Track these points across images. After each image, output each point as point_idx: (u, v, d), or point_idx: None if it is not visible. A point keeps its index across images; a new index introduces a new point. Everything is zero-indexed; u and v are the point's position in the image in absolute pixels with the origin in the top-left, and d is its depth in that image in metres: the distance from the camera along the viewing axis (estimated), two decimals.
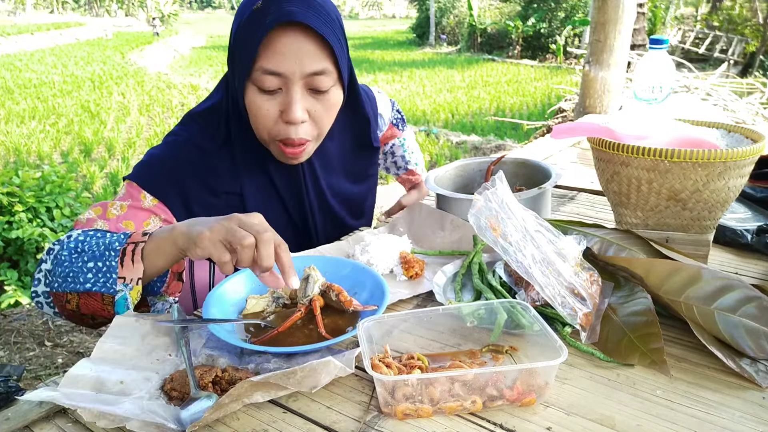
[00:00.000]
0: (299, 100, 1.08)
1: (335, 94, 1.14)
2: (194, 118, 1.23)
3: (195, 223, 0.88)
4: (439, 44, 22.92)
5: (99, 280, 0.91)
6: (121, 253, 0.91)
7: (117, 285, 0.91)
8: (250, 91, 1.09)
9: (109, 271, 0.91)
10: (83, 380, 0.78)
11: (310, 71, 1.06)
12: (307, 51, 1.05)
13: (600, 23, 3.12)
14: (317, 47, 1.06)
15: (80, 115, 9.36)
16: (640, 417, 0.72)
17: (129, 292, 0.91)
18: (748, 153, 1.04)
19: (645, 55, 1.17)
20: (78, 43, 23.68)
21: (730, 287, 0.84)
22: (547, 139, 2.33)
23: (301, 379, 0.74)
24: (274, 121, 1.10)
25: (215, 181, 1.17)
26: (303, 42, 1.05)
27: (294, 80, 1.06)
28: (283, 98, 1.09)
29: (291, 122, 1.09)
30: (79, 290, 0.92)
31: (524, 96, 11.02)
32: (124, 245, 0.92)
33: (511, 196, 0.98)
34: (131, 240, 0.92)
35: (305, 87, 1.09)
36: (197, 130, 1.20)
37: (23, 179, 3.52)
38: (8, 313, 3.16)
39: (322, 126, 1.15)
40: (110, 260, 0.91)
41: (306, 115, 1.10)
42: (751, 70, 12.23)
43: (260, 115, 1.10)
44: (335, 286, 0.95)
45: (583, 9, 17.15)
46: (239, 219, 0.85)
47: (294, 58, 1.05)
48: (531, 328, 0.82)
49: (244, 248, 0.82)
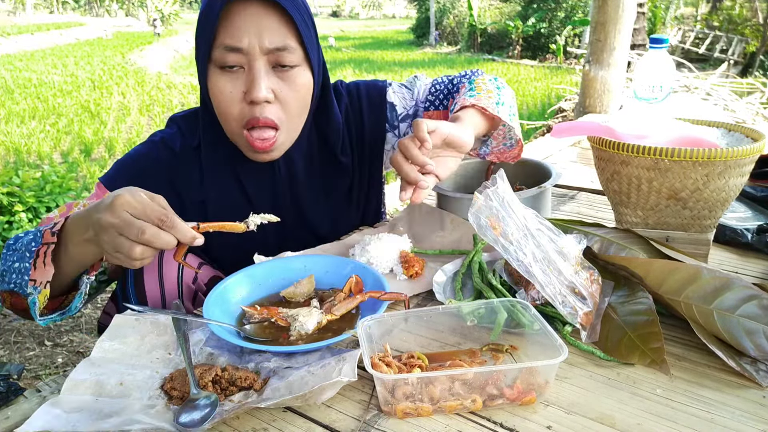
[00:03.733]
0: (263, 76, 1.03)
1: (302, 74, 1.08)
2: (176, 121, 1.23)
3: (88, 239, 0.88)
4: (440, 45, 22.92)
5: (17, 280, 0.93)
6: (35, 255, 0.91)
7: (28, 287, 0.92)
8: (212, 74, 1.05)
9: (25, 272, 0.92)
10: (83, 385, 0.78)
11: (273, 46, 1.02)
12: (267, 24, 1.02)
13: (600, 23, 3.12)
14: (280, 22, 1.02)
15: (80, 115, 9.35)
16: (640, 416, 0.72)
17: (38, 295, 0.91)
18: (749, 152, 1.04)
19: (645, 55, 1.17)
20: (78, 43, 23.67)
21: (729, 286, 0.84)
22: (547, 139, 2.33)
23: (309, 397, 0.74)
24: (238, 104, 1.05)
25: (182, 184, 1.17)
26: (263, 15, 1.01)
27: (255, 55, 1.02)
28: (246, 76, 1.04)
29: (255, 101, 1.03)
30: (6, 288, 0.96)
31: (524, 96, 11.00)
32: (37, 246, 0.91)
33: (512, 194, 0.98)
34: (44, 240, 0.91)
35: (269, 64, 1.04)
36: (174, 132, 1.20)
37: (23, 179, 3.52)
38: (8, 313, 3.16)
39: (291, 110, 1.08)
40: (26, 261, 0.92)
41: (271, 93, 1.05)
42: (751, 70, 12.22)
43: (224, 99, 1.05)
44: (327, 291, 0.99)
45: (583, 9, 17.15)
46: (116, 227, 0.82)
47: (254, 32, 1.01)
48: (531, 327, 0.82)
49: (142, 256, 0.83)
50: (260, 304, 0.99)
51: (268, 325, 0.92)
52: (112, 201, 0.83)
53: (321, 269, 1.05)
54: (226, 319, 0.92)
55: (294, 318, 0.90)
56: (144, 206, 0.83)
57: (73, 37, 24.99)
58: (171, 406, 0.76)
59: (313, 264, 1.06)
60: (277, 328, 0.91)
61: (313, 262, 1.07)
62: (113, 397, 0.77)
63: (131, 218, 0.82)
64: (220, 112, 1.08)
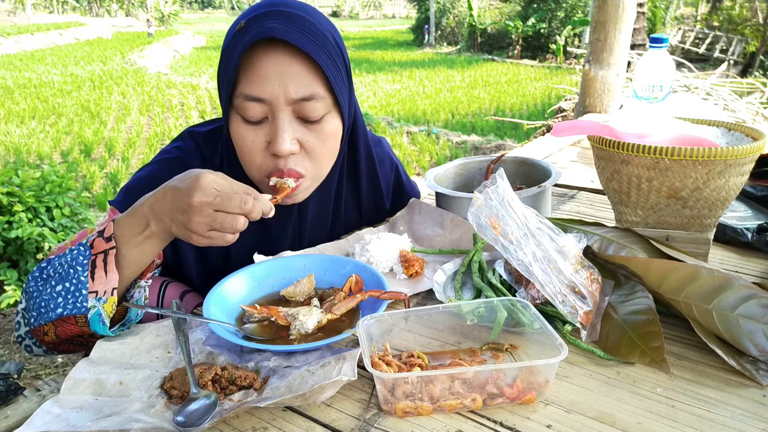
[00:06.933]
0: (286, 128, 0.96)
1: (331, 123, 1.01)
2: (194, 136, 1.15)
3: (163, 212, 0.83)
4: (439, 45, 22.90)
5: (69, 301, 0.84)
6: (90, 266, 0.84)
7: (88, 302, 0.83)
8: (233, 121, 0.99)
9: (78, 289, 0.84)
10: (83, 384, 0.78)
11: (297, 96, 0.95)
12: (291, 73, 0.94)
13: (600, 22, 3.12)
14: (305, 68, 0.95)
15: (80, 115, 9.36)
16: (640, 415, 0.72)
17: (102, 306, 0.84)
18: (749, 151, 1.03)
19: (645, 54, 1.17)
20: (78, 43, 23.68)
21: (729, 285, 0.84)
22: (547, 138, 2.33)
23: (309, 396, 0.74)
24: (261, 153, 0.99)
25: None
26: (287, 62, 0.93)
27: (279, 106, 0.95)
28: (270, 127, 0.97)
29: (278, 154, 0.97)
30: (52, 318, 0.84)
31: (524, 96, 11.02)
32: (90, 257, 0.84)
33: (512, 193, 0.98)
34: (95, 250, 0.85)
35: (294, 115, 0.97)
36: (192, 149, 1.13)
37: (23, 179, 3.51)
38: (8, 313, 3.16)
39: (318, 160, 1.02)
40: (78, 276, 0.84)
41: (296, 145, 0.98)
42: (751, 70, 12.23)
43: (245, 148, 0.99)
44: (327, 291, 0.99)
45: (583, 9, 17.15)
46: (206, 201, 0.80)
47: (277, 81, 0.94)
48: (531, 326, 0.82)
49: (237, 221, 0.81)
50: (260, 303, 0.99)
51: (267, 324, 0.92)
52: (199, 181, 0.80)
53: (321, 268, 1.05)
54: (225, 318, 0.92)
55: (294, 317, 0.89)
56: (229, 182, 0.82)
57: (73, 37, 25.00)
58: (171, 405, 0.76)
59: (313, 263, 1.06)
60: (277, 327, 0.91)
61: (313, 262, 1.07)
62: (113, 397, 0.77)
63: (228, 192, 0.81)
64: (242, 158, 1.03)
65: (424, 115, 9.65)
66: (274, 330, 0.90)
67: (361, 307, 0.95)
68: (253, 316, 0.92)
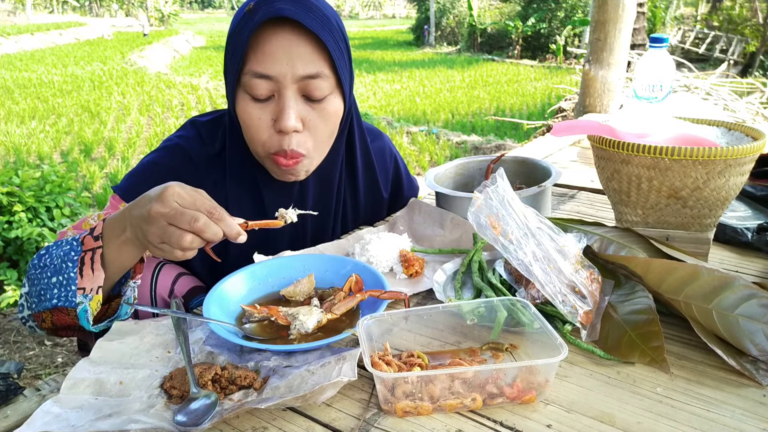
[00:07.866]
0: (292, 105, 1.00)
1: (334, 103, 1.05)
2: (196, 126, 1.19)
3: (133, 218, 0.85)
4: (439, 45, 22.91)
5: (61, 294, 0.88)
6: (80, 262, 0.88)
7: (76, 297, 0.87)
8: (240, 99, 1.03)
9: (68, 284, 0.88)
10: (83, 384, 0.78)
11: (304, 74, 0.99)
12: (299, 52, 0.98)
13: (600, 22, 3.12)
14: (311, 48, 0.99)
15: (80, 115, 9.35)
16: (640, 414, 0.72)
17: (89, 303, 0.88)
18: (749, 151, 1.03)
19: (645, 54, 1.17)
20: (78, 43, 23.67)
21: (729, 285, 0.84)
22: (547, 138, 2.33)
23: (309, 397, 0.74)
24: (267, 131, 1.03)
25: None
26: (294, 42, 0.98)
27: (286, 84, 0.99)
28: (275, 105, 1.01)
29: (284, 130, 1.01)
30: (48, 307, 0.89)
31: (524, 96, 11.01)
32: (80, 254, 0.88)
33: (512, 193, 0.98)
34: (85, 247, 0.89)
35: (299, 92, 1.01)
36: (193, 137, 1.17)
37: (23, 179, 3.51)
38: (8, 312, 3.16)
39: (318, 138, 1.07)
40: (68, 272, 0.88)
41: (300, 123, 1.02)
42: (751, 70, 12.23)
43: (252, 125, 1.03)
44: (327, 290, 0.98)
45: (583, 9, 17.15)
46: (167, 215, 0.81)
47: (285, 59, 0.98)
48: (531, 326, 0.82)
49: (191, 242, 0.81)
50: (260, 302, 0.99)
51: (267, 324, 0.92)
52: (162, 192, 0.82)
53: (321, 268, 1.05)
54: (225, 317, 0.92)
55: (294, 317, 0.89)
56: (194, 197, 0.83)
57: (73, 37, 24.99)
58: (170, 405, 0.76)
59: (313, 263, 1.06)
60: (276, 326, 0.91)
61: (313, 261, 1.07)
62: (113, 396, 0.77)
63: (182, 207, 0.81)
64: (248, 136, 1.07)
65: (424, 115, 9.64)
66: (274, 330, 0.90)
67: (361, 307, 0.95)
68: (253, 316, 0.93)
